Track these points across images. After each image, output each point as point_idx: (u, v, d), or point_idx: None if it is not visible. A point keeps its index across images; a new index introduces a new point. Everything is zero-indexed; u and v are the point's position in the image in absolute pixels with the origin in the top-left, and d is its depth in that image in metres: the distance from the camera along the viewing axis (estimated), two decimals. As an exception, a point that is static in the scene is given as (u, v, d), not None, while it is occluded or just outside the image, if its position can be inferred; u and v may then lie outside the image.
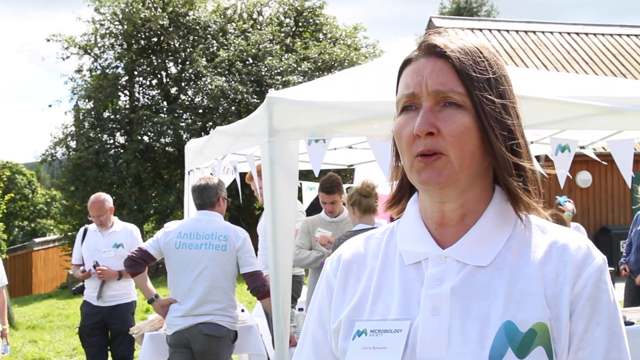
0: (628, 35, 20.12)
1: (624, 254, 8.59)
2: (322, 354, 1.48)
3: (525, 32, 19.77)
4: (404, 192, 1.48)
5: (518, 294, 1.30)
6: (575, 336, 1.29)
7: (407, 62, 1.42)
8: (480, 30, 19.89)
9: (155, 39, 24.71)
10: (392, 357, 1.32)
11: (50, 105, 39.46)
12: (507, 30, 19.82)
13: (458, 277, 1.33)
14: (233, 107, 23.27)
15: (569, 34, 19.94)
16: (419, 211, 1.44)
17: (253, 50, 23.48)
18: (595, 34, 20.05)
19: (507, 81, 1.39)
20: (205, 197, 5.35)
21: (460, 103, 1.32)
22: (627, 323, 5.30)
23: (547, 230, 1.39)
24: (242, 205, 22.62)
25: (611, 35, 20.06)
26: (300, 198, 6.89)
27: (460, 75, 1.33)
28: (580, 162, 14.72)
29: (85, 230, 6.83)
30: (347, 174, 14.39)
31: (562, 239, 1.36)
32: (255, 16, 26.52)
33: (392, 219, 1.56)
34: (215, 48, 24.29)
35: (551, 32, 19.92)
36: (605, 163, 7.91)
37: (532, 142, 6.79)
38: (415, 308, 1.34)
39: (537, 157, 9.01)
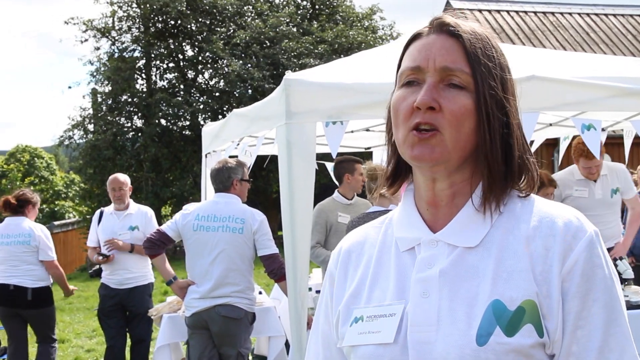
0: (648, 16, 19.85)
1: None
2: (330, 350, 1.51)
3: (544, 13, 19.54)
4: (399, 171, 1.47)
5: (505, 272, 1.29)
6: (571, 315, 1.26)
7: (415, 37, 1.41)
8: (499, 12, 19.68)
9: (172, 22, 24.69)
10: (385, 340, 1.34)
11: (70, 87, 39.53)
12: (526, 12, 19.59)
13: (448, 260, 1.34)
14: (250, 91, 23.23)
15: (588, 14, 19.69)
16: (414, 197, 1.45)
17: (270, 33, 23.41)
18: (615, 15, 19.78)
19: (509, 72, 1.39)
20: (219, 180, 5.37)
21: (464, 84, 1.32)
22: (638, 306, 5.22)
23: (536, 205, 1.37)
24: (260, 188, 22.66)
25: (631, 15, 19.80)
26: (321, 179, 6.84)
27: (468, 57, 1.33)
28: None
29: (102, 213, 6.85)
30: (364, 157, 14.35)
31: (552, 213, 1.34)
32: (271, -1, 26.46)
33: None
34: (232, 31, 24.23)
35: (570, 13, 19.68)
36: (608, 156, 7.79)
37: (550, 124, 6.75)
38: (409, 292, 1.36)
39: (556, 140, 8.89)
